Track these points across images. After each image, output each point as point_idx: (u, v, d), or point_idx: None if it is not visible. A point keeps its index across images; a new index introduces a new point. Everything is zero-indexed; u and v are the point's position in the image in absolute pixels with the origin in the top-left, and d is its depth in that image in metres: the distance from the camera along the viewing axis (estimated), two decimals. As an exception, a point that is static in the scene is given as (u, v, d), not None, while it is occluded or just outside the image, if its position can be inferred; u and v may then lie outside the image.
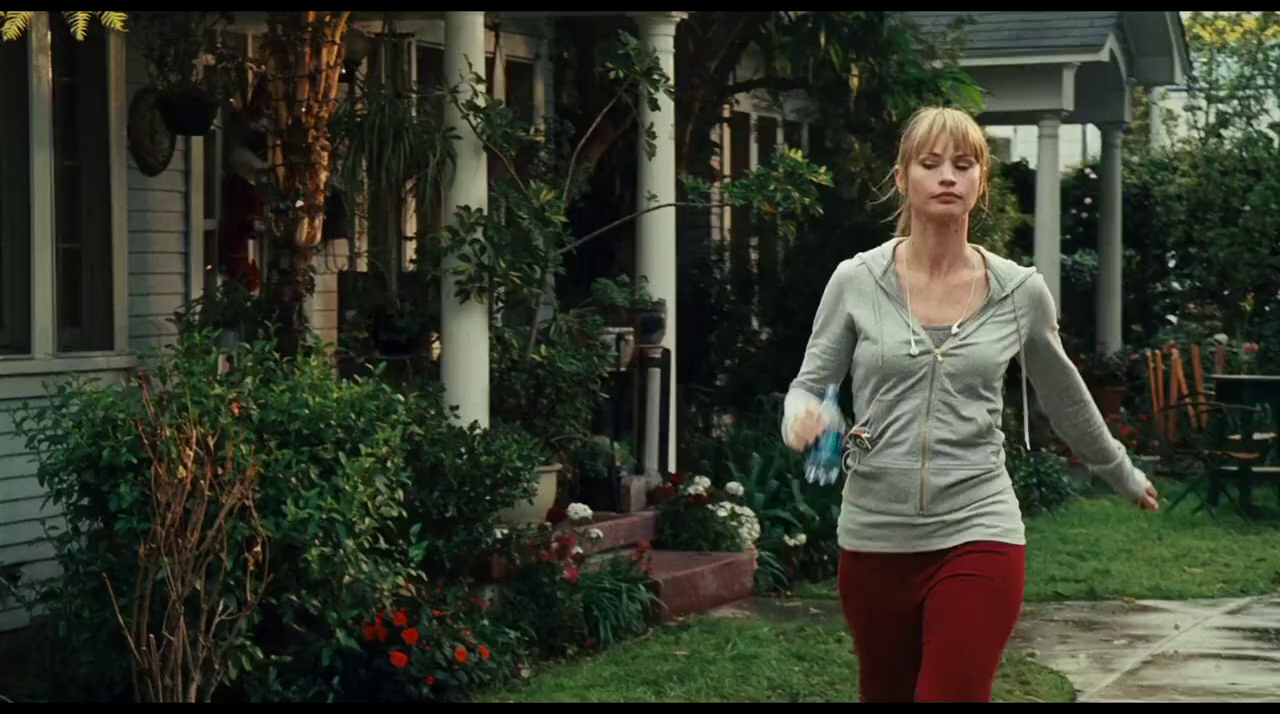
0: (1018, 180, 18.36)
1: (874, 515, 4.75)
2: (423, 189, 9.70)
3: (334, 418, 8.10)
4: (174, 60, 9.91)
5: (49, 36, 9.47)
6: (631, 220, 11.48)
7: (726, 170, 15.46)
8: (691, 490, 11.36)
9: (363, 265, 11.51)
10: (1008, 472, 4.85)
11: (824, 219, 11.71)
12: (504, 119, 9.67)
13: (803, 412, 4.58)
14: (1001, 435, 4.80)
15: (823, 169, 10.26)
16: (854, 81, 13.41)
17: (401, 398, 8.47)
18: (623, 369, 11.23)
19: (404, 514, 8.33)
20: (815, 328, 4.83)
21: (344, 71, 10.71)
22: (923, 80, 13.49)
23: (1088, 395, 4.98)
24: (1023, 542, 4.78)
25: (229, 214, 10.89)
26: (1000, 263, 4.83)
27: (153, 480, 7.59)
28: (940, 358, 4.69)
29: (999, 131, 23.02)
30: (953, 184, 4.66)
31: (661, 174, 11.23)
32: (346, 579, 7.98)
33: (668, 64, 11.14)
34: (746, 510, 11.47)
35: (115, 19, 7.10)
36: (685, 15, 11.57)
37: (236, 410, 7.80)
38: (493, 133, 9.60)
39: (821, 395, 4.71)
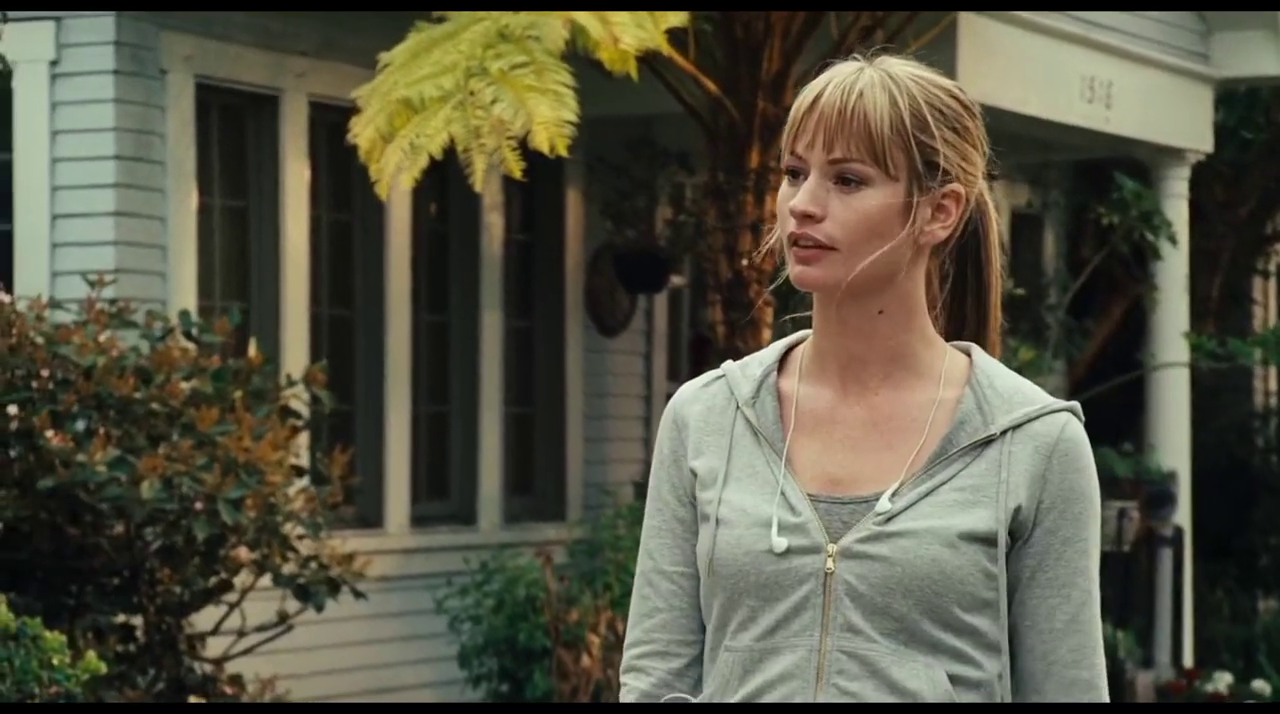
0: None
1: None
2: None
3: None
4: (632, 215, 9.41)
5: (501, 193, 9.09)
6: (1138, 383, 10.39)
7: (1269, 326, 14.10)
8: (1210, 688, 10.10)
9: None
10: None
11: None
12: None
13: None
14: None
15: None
16: None
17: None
18: (1126, 548, 10.13)
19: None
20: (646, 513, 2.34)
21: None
22: None
23: None
24: None
25: (696, 376, 10.27)
26: (1003, 378, 2.25)
27: (554, 667, 6.97)
28: (833, 563, 2.17)
29: None
30: (811, 216, 2.18)
31: (1168, 330, 10.11)
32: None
33: (1178, 209, 10.07)
34: (1275, 712, 10.11)
35: (561, 144, 6.49)
36: (1203, 156, 10.46)
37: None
38: (965, 286, 8.70)
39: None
